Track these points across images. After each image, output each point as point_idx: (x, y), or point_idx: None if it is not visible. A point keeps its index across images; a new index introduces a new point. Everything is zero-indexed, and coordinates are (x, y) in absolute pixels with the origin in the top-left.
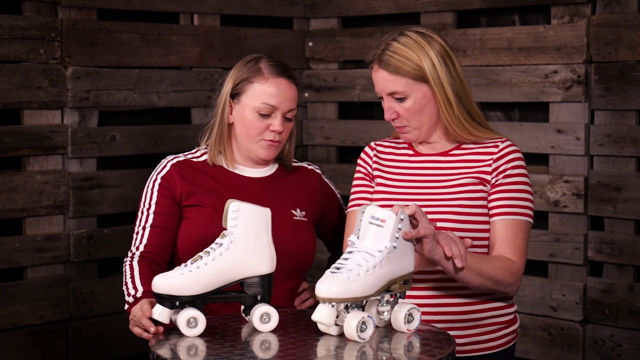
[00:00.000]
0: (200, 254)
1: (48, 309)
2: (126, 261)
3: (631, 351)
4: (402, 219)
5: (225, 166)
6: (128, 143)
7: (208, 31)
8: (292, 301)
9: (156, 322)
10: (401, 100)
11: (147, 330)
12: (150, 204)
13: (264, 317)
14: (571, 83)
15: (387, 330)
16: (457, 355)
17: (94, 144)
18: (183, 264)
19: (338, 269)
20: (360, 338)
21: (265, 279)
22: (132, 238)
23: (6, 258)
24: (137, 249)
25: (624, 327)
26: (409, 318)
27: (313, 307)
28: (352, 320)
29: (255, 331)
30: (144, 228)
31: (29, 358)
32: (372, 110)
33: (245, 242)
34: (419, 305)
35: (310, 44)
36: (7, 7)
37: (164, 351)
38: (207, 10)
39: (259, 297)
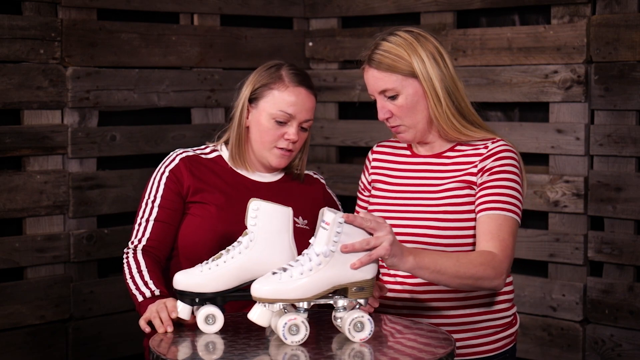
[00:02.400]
0: (222, 251)
1: (48, 309)
2: (127, 253)
3: (631, 351)
4: (340, 223)
5: (242, 169)
6: (128, 143)
7: (208, 31)
8: None
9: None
10: (393, 98)
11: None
12: (155, 197)
13: None
14: (571, 83)
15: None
16: (454, 358)
17: (94, 144)
18: (204, 262)
19: (285, 270)
20: (288, 340)
21: None
22: (134, 229)
23: (6, 258)
24: (140, 241)
25: (624, 327)
26: (357, 327)
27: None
28: (279, 322)
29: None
30: (147, 220)
31: (29, 358)
32: (372, 110)
33: (266, 241)
34: (415, 308)
35: (310, 44)
36: (7, 7)
37: (164, 351)
38: (207, 10)
39: None
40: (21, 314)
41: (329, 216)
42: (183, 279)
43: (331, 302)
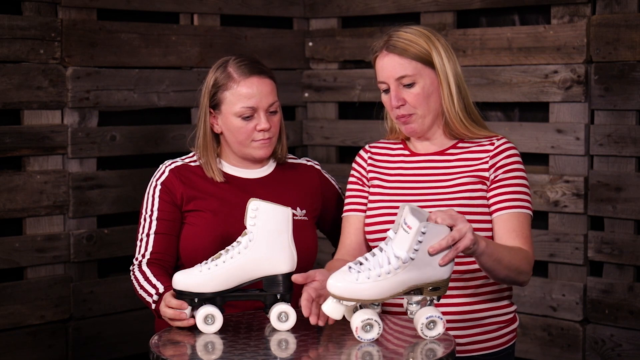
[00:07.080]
0: (221, 252)
1: (48, 309)
2: (133, 269)
3: (631, 351)
4: (423, 232)
5: (217, 176)
6: (128, 143)
7: (208, 31)
8: (296, 301)
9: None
10: (409, 86)
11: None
12: (152, 211)
13: (281, 316)
14: (571, 83)
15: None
16: (458, 355)
17: (94, 144)
18: (203, 262)
19: (361, 263)
20: (361, 338)
21: (285, 278)
22: (136, 245)
23: (6, 258)
24: (143, 256)
25: (624, 327)
26: (430, 325)
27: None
28: (355, 320)
29: (274, 330)
30: (147, 235)
31: (29, 358)
32: (372, 110)
33: (265, 241)
34: None
35: (310, 44)
36: (7, 7)
37: (166, 350)
38: (207, 10)
39: (278, 296)
40: (21, 314)
41: (412, 221)
42: (182, 279)
43: (405, 299)
